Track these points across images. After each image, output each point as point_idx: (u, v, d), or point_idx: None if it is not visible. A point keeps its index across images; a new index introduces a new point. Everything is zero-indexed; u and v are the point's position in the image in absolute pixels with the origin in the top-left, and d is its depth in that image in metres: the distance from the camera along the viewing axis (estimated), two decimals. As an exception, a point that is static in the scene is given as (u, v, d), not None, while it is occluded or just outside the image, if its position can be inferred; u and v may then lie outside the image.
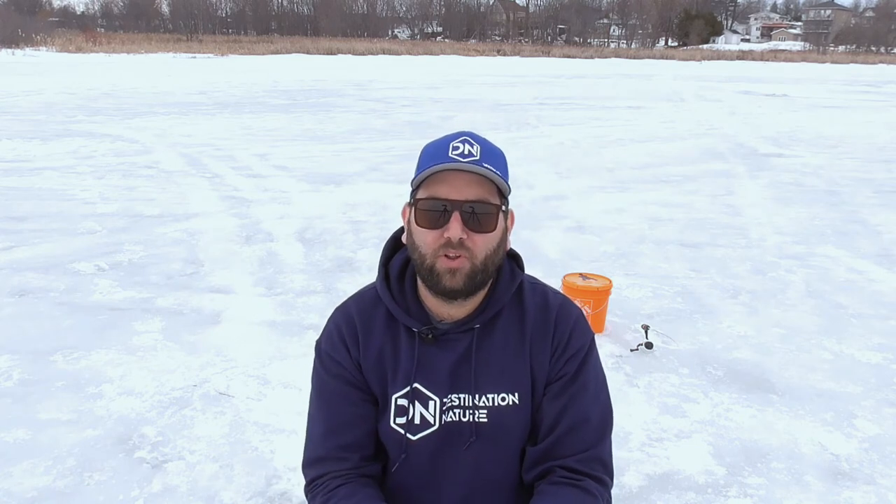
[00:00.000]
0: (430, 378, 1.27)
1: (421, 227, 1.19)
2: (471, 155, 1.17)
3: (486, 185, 1.18)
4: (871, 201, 7.75)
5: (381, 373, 1.29)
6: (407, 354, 1.28)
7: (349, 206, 7.05)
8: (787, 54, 67.44)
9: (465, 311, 1.26)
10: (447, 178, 1.17)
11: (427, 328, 1.26)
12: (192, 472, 2.74)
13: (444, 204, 1.16)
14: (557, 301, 1.33)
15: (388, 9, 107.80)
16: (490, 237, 1.19)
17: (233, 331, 4.08)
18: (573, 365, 1.28)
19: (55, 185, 7.81)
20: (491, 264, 1.21)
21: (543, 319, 1.30)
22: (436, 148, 1.21)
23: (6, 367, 3.57)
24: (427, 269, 1.19)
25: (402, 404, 1.27)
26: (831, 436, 3.08)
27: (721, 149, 11.22)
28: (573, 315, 1.32)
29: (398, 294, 1.29)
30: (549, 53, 62.16)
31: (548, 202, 7.41)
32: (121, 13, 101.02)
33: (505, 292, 1.28)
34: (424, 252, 1.19)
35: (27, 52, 46.19)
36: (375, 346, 1.30)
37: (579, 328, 1.31)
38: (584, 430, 1.26)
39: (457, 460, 1.28)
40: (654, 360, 3.80)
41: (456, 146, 1.18)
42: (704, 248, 5.90)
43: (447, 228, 1.16)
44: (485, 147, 1.20)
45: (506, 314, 1.29)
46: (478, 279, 1.20)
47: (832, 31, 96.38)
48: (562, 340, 1.28)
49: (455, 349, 1.27)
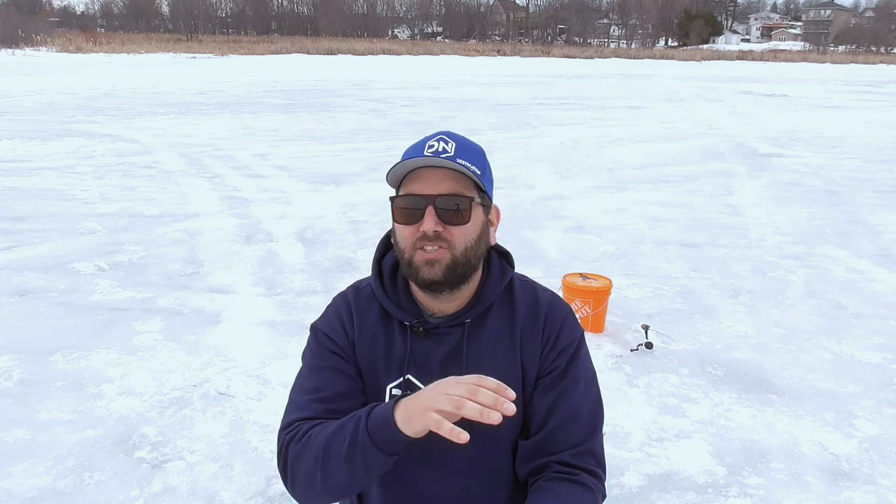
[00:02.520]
0: (422, 370, 1.29)
1: (399, 224, 1.23)
2: (445, 152, 1.20)
3: (460, 180, 1.21)
4: (871, 201, 7.75)
5: (374, 360, 1.31)
6: (400, 346, 1.30)
7: (349, 206, 7.06)
8: (787, 54, 67.44)
9: (455, 306, 1.30)
10: (421, 176, 1.21)
11: (419, 321, 1.29)
12: (192, 472, 2.74)
13: (417, 199, 1.20)
14: (547, 298, 1.36)
15: (388, 9, 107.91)
16: (466, 229, 1.22)
17: (233, 331, 4.08)
18: (563, 359, 1.30)
19: (55, 185, 7.81)
20: (473, 256, 1.24)
21: (533, 315, 1.32)
22: (413, 147, 1.25)
23: (6, 367, 3.57)
24: (406, 263, 1.23)
25: (395, 394, 1.29)
26: (831, 436, 3.08)
27: (721, 149, 11.22)
28: (562, 311, 1.35)
29: (391, 290, 1.32)
30: (549, 53, 62.18)
31: (548, 202, 7.41)
32: (121, 13, 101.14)
33: (495, 288, 1.31)
34: (403, 247, 1.23)
35: (27, 52, 46.24)
36: (370, 333, 1.33)
37: (569, 324, 1.34)
38: (575, 424, 1.28)
39: (451, 453, 1.27)
40: (654, 360, 3.80)
41: (431, 144, 1.22)
42: (704, 248, 5.90)
43: (422, 222, 1.19)
44: (460, 144, 1.23)
45: (496, 309, 1.32)
46: (458, 271, 1.22)
47: (832, 31, 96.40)
48: (551, 335, 1.31)
49: (446, 343, 1.29)
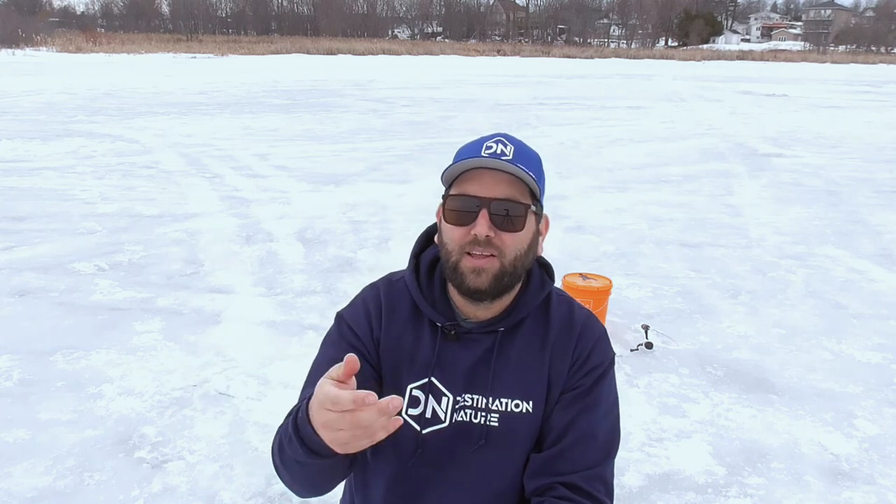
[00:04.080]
0: (447, 374, 1.25)
1: (449, 224, 1.19)
2: (503, 154, 1.17)
3: (516, 185, 1.18)
4: (871, 201, 7.75)
5: (398, 358, 1.28)
6: (427, 347, 1.26)
7: (349, 206, 7.05)
8: (787, 54, 67.41)
9: (491, 313, 1.25)
10: (477, 176, 1.17)
11: (451, 324, 1.25)
12: (192, 472, 2.74)
13: (472, 201, 1.16)
14: (583, 316, 1.32)
15: (388, 9, 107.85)
16: (519, 237, 1.18)
17: (233, 331, 4.08)
18: (590, 379, 1.26)
19: (55, 185, 7.81)
20: (520, 266, 1.21)
21: (567, 331, 1.28)
22: (470, 146, 1.21)
23: (6, 367, 3.57)
24: (452, 267, 1.19)
25: (416, 395, 1.26)
26: (831, 436, 3.08)
27: (721, 149, 11.22)
28: (597, 332, 1.31)
29: (426, 287, 1.29)
30: (548, 53, 62.15)
31: (548, 202, 7.24)
32: (121, 13, 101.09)
33: (533, 299, 1.27)
34: (451, 249, 1.19)
35: (27, 52, 46.21)
36: (397, 331, 1.29)
37: (601, 346, 1.29)
38: (589, 445, 1.24)
39: (465, 463, 1.26)
40: (654, 360, 3.80)
41: (489, 146, 1.18)
42: (704, 248, 5.90)
43: (474, 225, 1.15)
44: (519, 148, 1.20)
45: (530, 321, 1.28)
46: (505, 281, 1.19)
47: (832, 31, 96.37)
48: (582, 354, 1.27)
49: (476, 349, 1.25)
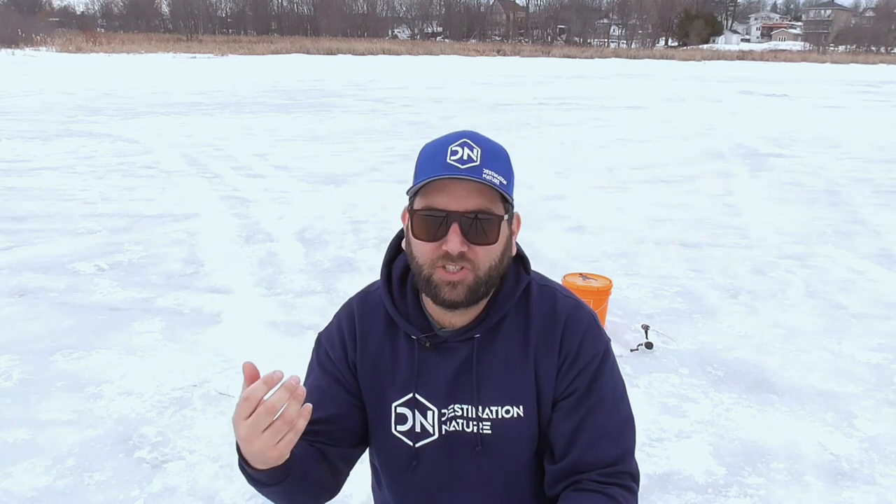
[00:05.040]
0: (430, 387, 1.22)
1: (419, 240, 1.12)
2: (470, 160, 1.08)
3: (487, 194, 1.10)
4: (871, 201, 7.75)
5: (378, 378, 1.25)
6: (406, 361, 1.23)
7: (349, 206, 7.05)
8: (787, 54, 67.37)
9: (467, 318, 1.20)
10: (445, 187, 1.09)
11: (426, 336, 1.21)
12: (192, 472, 2.74)
13: (441, 215, 1.09)
14: (567, 307, 1.23)
15: (388, 9, 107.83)
16: (492, 249, 1.12)
17: (233, 331, 4.08)
18: (584, 379, 1.20)
19: (55, 185, 7.81)
20: (496, 275, 1.16)
21: (550, 326, 1.21)
22: (433, 151, 1.13)
23: (6, 367, 3.57)
24: (425, 280, 1.13)
25: (402, 412, 1.24)
26: (831, 436, 3.08)
27: (721, 149, 11.21)
28: (583, 323, 1.22)
29: (399, 298, 1.24)
30: (548, 53, 62.13)
31: (548, 202, 7.41)
32: (121, 13, 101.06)
33: (508, 299, 1.21)
34: (421, 263, 1.13)
35: (27, 52, 46.22)
36: (373, 349, 1.26)
37: (590, 337, 1.22)
38: (602, 443, 1.19)
39: (463, 472, 1.25)
40: (654, 360, 3.80)
41: (455, 150, 1.09)
42: (704, 248, 5.90)
43: (445, 241, 1.09)
44: (486, 149, 1.12)
45: (510, 319, 1.22)
46: (481, 291, 1.15)
47: (832, 31, 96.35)
48: (570, 352, 1.20)
49: (455, 358, 1.21)
